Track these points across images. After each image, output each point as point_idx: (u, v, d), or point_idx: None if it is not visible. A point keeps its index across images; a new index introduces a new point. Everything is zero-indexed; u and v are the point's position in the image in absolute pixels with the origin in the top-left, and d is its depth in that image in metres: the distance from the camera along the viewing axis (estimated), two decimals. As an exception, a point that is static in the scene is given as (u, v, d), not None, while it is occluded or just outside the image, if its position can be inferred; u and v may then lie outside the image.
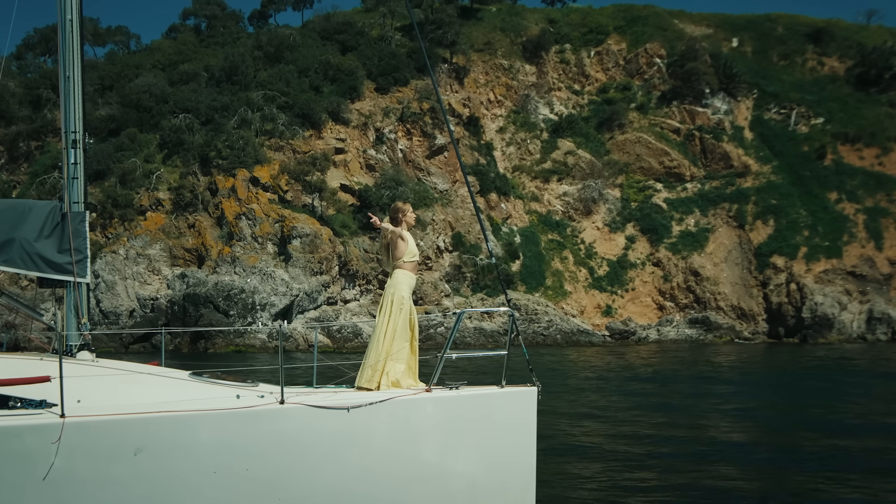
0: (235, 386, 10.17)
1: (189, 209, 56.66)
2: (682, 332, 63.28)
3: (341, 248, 56.49)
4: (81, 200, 11.18)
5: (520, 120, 73.35)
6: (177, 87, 62.66)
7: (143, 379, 10.09)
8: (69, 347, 10.87)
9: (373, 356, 10.39)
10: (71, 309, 10.98)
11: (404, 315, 10.48)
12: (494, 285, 61.03)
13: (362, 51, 67.93)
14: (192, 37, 72.70)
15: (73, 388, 8.95)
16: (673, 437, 19.31)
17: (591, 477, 14.93)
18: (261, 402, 9.35)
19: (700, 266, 66.56)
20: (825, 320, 62.19)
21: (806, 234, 66.85)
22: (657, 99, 75.18)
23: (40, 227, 10.77)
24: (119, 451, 8.75)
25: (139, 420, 8.83)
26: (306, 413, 9.31)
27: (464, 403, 10.01)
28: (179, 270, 54.01)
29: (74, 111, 11.20)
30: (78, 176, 11.18)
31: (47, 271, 10.81)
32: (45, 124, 62.25)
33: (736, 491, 14.11)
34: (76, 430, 8.59)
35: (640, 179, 71.76)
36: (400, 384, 10.28)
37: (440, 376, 10.01)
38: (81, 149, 11.24)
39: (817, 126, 73.72)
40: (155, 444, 8.85)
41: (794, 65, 79.00)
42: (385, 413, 9.59)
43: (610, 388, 29.53)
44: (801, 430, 20.39)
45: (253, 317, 50.60)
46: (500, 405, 10.15)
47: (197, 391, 9.90)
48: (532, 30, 77.98)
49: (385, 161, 63.72)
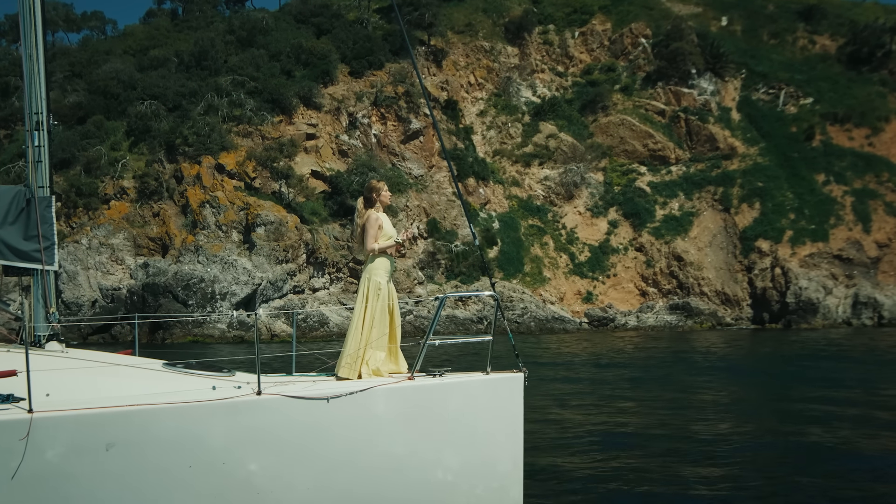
0: (211, 376, 9.81)
1: (154, 197, 55.56)
2: (661, 318, 61.90)
3: (309, 235, 55.30)
4: (47, 185, 10.77)
5: (501, 103, 71.91)
6: (146, 73, 61.50)
7: (115, 371, 9.70)
8: (37, 338, 10.51)
9: (352, 344, 10.10)
10: (38, 298, 10.64)
11: (382, 301, 10.17)
12: (469, 272, 59.78)
13: (337, 34, 66.57)
14: (166, 22, 71.49)
15: (42, 382, 8.63)
16: (662, 424, 18.60)
17: (580, 464, 14.41)
18: (237, 393, 9.04)
19: (684, 251, 65.08)
20: (809, 305, 60.70)
21: (792, 217, 65.26)
22: (642, 80, 73.53)
23: (4, 213, 10.32)
24: (90, 447, 8.44)
25: (111, 414, 8.52)
26: (284, 404, 9.01)
27: (448, 391, 9.74)
28: (143, 260, 52.95)
29: (37, 92, 10.73)
30: (42, 159, 10.75)
31: (13, 259, 10.42)
32: (13, 112, 61.22)
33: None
34: (45, 425, 8.29)
35: (624, 163, 70.24)
36: (381, 372, 10.01)
37: (423, 363, 9.77)
38: (45, 131, 10.77)
39: (806, 106, 72.01)
40: (127, 438, 8.55)
41: (784, 44, 77.22)
42: (366, 402, 9.32)
43: (579, 377, 28.44)
44: (799, 421, 19.20)
45: (212, 306, 49.51)
46: (486, 392, 9.84)
47: (171, 383, 9.57)
48: (515, 10, 76.42)
49: (358, 146, 62.44)
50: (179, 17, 73.32)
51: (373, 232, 10.36)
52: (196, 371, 9.95)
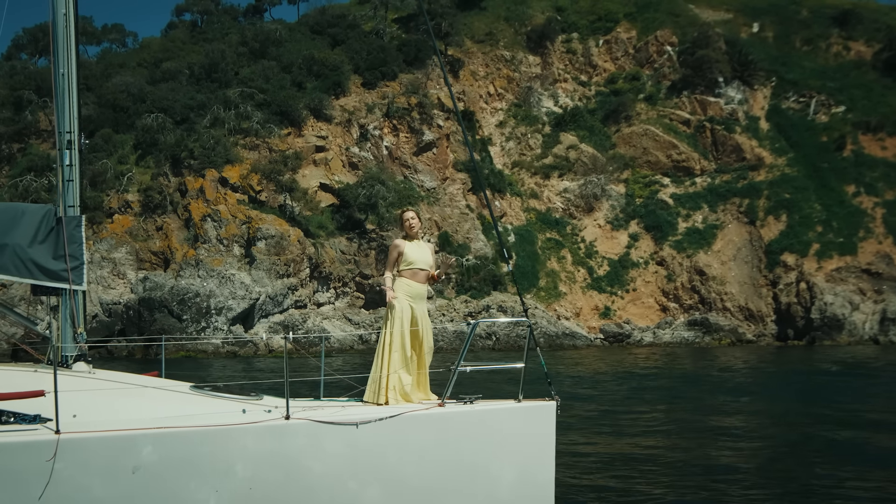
0: (239, 399, 9.65)
1: (158, 211, 55.13)
2: (678, 334, 59.94)
3: (312, 249, 54.40)
4: (77, 204, 10.51)
5: (521, 113, 70.48)
6: (157, 86, 61.21)
7: (143, 392, 9.57)
8: (64, 358, 10.29)
9: (377, 370, 10.02)
10: (66, 318, 10.41)
11: (405, 324, 10.03)
12: (480, 287, 58.46)
13: (351, 44, 65.74)
14: (183, 34, 71.25)
15: (69, 402, 8.47)
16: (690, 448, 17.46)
17: (611, 491, 13.57)
18: (266, 417, 8.94)
19: (706, 265, 63.04)
20: (835, 321, 58.26)
21: (819, 229, 62.91)
22: (667, 89, 71.62)
23: (34, 232, 10.22)
24: (117, 469, 8.37)
25: (138, 436, 8.47)
26: (313, 429, 8.91)
27: (479, 418, 9.54)
28: (143, 274, 52.49)
29: (69, 110, 10.53)
30: (73, 178, 10.55)
31: (41, 278, 10.24)
32: (26, 126, 61.30)
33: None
34: (72, 446, 8.22)
35: (647, 174, 68.37)
36: (410, 398, 9.89)
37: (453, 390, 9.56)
38: (76, 150, 10.57)
39: (838, 115, 69.46)
40: (154, 461, 8.45)
41: (817, 50, 74.69)
42: (395, 429, 9.16)
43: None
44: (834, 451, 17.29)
45: (207, 321, 48.84)
46: (518, 420, 9.62)
47: (200, 405, 9.45)
48: (537, 19, 74.93)
49: (369, 159, 61.46)
50: (198, 28, 73.01)
51: (389, 259, 10.45)
52: (224, 394, 9.79)
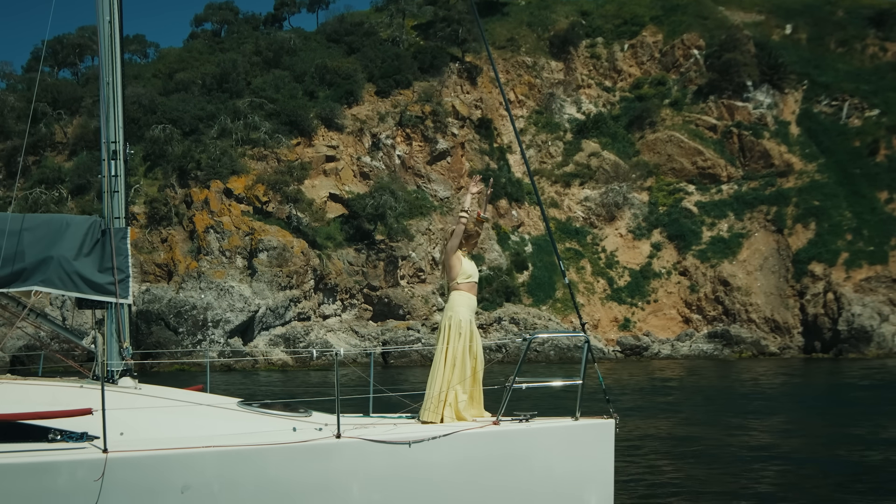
0: (289, 417, 9.46)
1: (163, 223, 54.65)
2: (696, 347, 57.96)
3: (317, 260, 53.50)
4: (123, 215, 10.39)
5: (542, 121, 69.01)
6: (169, 97, 60.89)
7: (190, 409, 9.31)
8: (110, 373, 10.15)
9: (434, 387, 9.69)
10: (112, 333, 10.28)
11: (464, 340, 9.71)
12: (493, 298, 57.05)
13: (365, 52, 64.86)
14: (201, 44, 70.96)
15: (116, 419, 8.39)
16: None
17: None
18: (317, 435, 8.73)
19: (731, 275, 60.97)
20: (862, 333, 55.82)
21: (849, 238, 60.53)
22: (693, 94, 69.60)
23: (79, 244, 10.10)
24: (165, 489, 8.26)
25: (187, 455, 8.37)
26: (365, 448, 8.75)
27: (535, 437, 9.30)
28: (146, 287, 52.02)
29: (115, 120, 10.39)
30: (119, 189, 10.35)
31: (87, 292, 10.05)
32: (41, 138, 61.37)
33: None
34: (120, 465, 8.11)
35: (671, 182, 66.46)
36: (464, 416, 9.58)
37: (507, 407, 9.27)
38: (122, 160, 10.42)
39: (871, 119, 66.86)
40: (204, 481, 8.35)
41: (852, 52, 72.09)
42: (449, 448, 8.94)
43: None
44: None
45: (203, 334, 48.23)
46: (575, 439, 9.37)
47: (248, 423, 9.24)
48: (561, 24, 73.37)
49: (381, 168, 60.46)
50: (219, 38, 72.71)
51: (456, 234, 10.04)
52: (273, 411, 9.56)
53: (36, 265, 9.99)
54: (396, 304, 55.36)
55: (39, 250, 10.00)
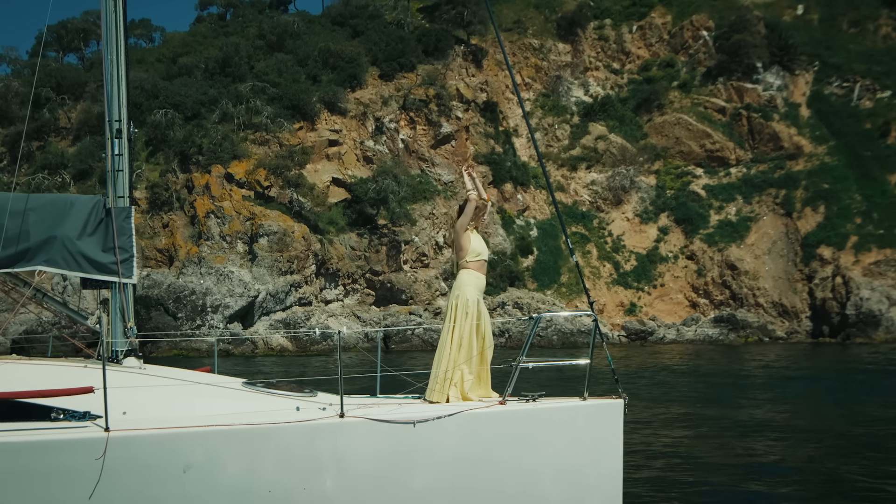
0: (293, 396, 9.37)
1: (164, 208, 54.48)
2: (701, 331, 57.37)
3: (318, 245, 53.22)
4: (126, 195, 10.46)
5: (548, 104, 68.37)
6: (171, 82, 60.61)
7: (194, 389, 9.37)
8: (115, 353, 10.22)
9: (440, 366, 9.58)
10: (116, 312, 10.33)
11: (471, 320, 9.54)
12: (497, 283, 56.57)
13: (369, 35, 64.37)
14: (206, 28, 70.63)
15: (119, 399, 8.41)
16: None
17: (679, 490, 12.95)
18: (320, 415, 8.66)
19: (738, 259, 60.32)
20: (871, 317, 55.08)
21: (858, 221, 59.65)
22: (702, 76, 68.80)
23: (83, 224, 10.16)
24: (168, 468, 8.23)
25: (189, 434, 8.31)
26: (368, 427, 8.64)
27: (542, 417, 9.11)
28: (146, 272, 51.88)
29: (118, 98, 10.36)
30: (122, 168, 10.38)
31: (91, 271, 10.16)
32: (45, 123, 61.32)
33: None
34: (121, 444, 8.10)
35: (679, 165, 65.75)
36: (470, 396, 9.46)
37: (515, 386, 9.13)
38: (126, 139, 10.41)
39: (883, 100, 65.75)
40: (206, 460, 8.29)
41: (864, 32, 70.90)
42: (454, 428, 8.80)
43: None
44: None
45: (202, 319, 48.02)
46: (583, 419, 9.13)
47: (252, 402, 9.21)
48: (568, 5, 72.62)
49: (384, 152, 60.07)
50: (223, 22, 72.34)
51: (467, 212, 9.84)
52: (277, 390, 9.49)
53: (40, 245, 10.05)
54: (399, 288, 55.09)
55: (43, 230, 10.06)
